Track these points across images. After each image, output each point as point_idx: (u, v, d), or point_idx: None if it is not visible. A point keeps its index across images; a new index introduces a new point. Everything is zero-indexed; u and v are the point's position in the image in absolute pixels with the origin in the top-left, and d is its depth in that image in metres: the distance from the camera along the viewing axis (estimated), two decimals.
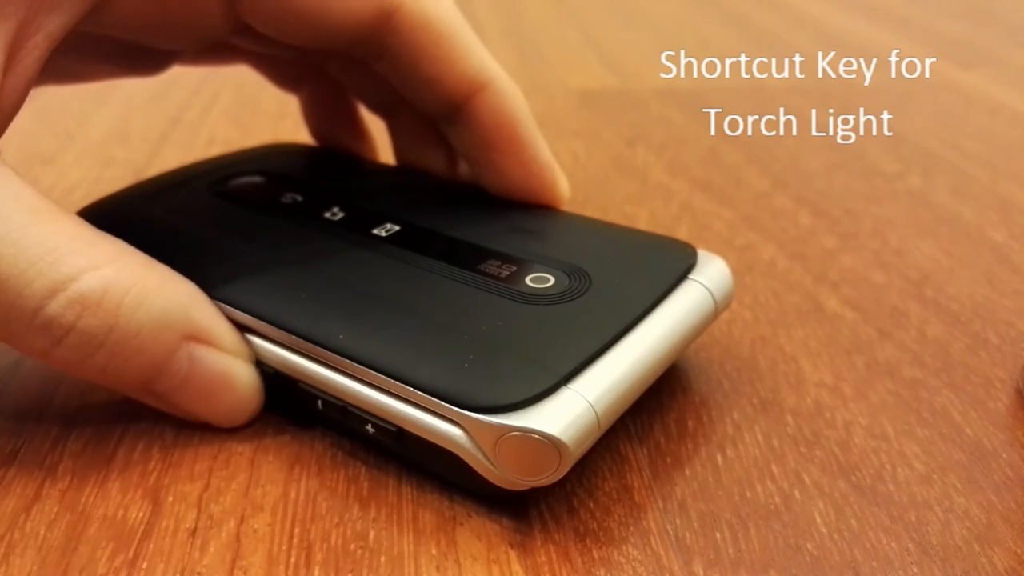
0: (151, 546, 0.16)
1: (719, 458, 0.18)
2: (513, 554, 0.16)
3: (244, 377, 0.18)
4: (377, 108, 0.25)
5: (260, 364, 0.18)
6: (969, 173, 0.32)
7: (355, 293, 0.18)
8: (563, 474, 0.15)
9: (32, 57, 0.17)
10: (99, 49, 0.21)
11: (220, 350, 0.18)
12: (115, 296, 0.16)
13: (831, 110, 0.39)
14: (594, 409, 0.16)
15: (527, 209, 0.22)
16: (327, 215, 0.21)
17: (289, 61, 0.25)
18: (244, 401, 0.18)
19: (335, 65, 0.24)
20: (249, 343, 0.18)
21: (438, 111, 0.22)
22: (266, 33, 0.20)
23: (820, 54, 0.47)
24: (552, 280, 0.18)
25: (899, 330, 0.22)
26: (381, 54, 0.20)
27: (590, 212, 0.22)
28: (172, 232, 0.21)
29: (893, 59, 0.47)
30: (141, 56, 0.22)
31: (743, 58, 0.47)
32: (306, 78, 0.26)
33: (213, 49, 0.24)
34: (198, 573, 0.15)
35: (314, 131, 0.27)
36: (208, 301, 0.18)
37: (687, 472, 0.18)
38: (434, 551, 0.16)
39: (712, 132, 0.36)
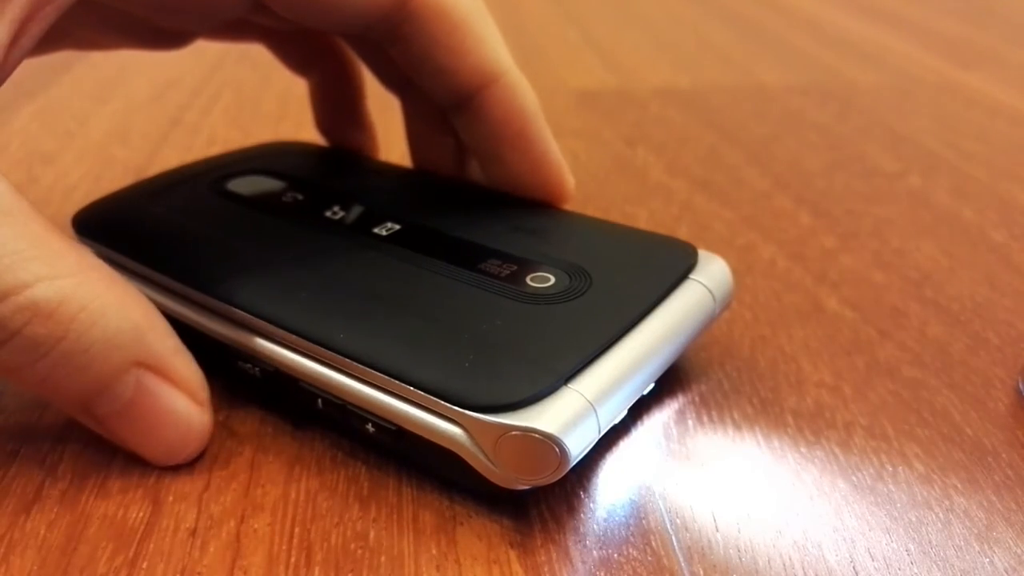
0: (151, 546, 0.16)
1: (719, 458, 0.18)
2: (513, 554, 0.16)
3: (191, 417, 0.17)
4: (391, 85, 0.24)
5: (260, 363, 0.18)
6: (969, 173, 0.32)
7: (355, 292, 0.18)
8: (563, 474, 0.15)
9: (39, 28, 0.16)
10: (119, 22, 0.21)
11: (172, 384, 0.17)
12: (70, 309, 0.15)
13: (831, 110, 0.39)
14: (594, 409, 0.16)
15: (528, 208, 0.22)
16: (328, 214, 0.21)
17: (303, 41, 0.25)
18: (184, 442, 0.17)
19: (351, 41, 0.24)
20: (207, 391, 0.18)
21: (448, 100, 0.21)
22: (282, 14, 0.20)
23: (820, 54, 0.47)
24: (553, 279, 0.18)
25: (899, 330, 0.22)
26: (395, 40, 0.20)
27: (590, 212, 0.22)
28: (172, 231, 0.21)
29: (893, 59, 0.47)
30: (161, 30, 0.22)
31: (743, 58, 0.47)
32: (317, 61, 0.26)
33: (230, 25, 0.24)
34: (198, 573, 0.15)
35: (319, 119, 0.26)
36: (170, 331, 0.17)
37: (687, 472, 0.18)
38: (434, 551, 0.16)
39: (712, 132, 0.36)
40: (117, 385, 0.16)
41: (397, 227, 0.21)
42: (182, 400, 0.17)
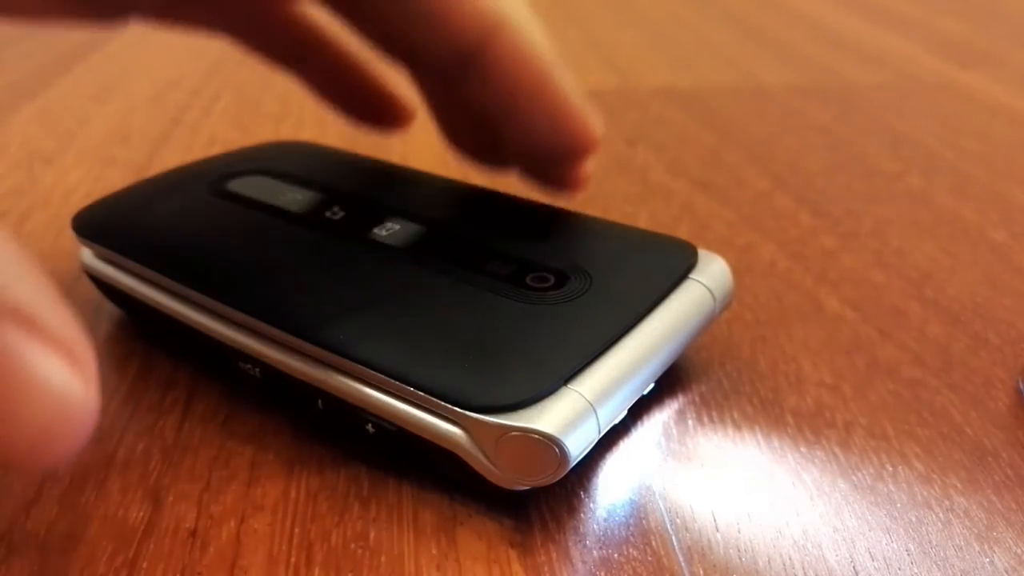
0: (151, 546, 0.16)
1: (719, 458, 0.18)
2: (513, 554, 0.16)
3: (70, 387, 0.11)
4: (393, 55, 0.22)
5: (261, 363, 0.18)
6: (969, 173, 0.32)
7: (355, 293, 0.18)
8: (563, 474, 0.15)
9: None
10: None
11: (44, 342, 0.11)
12: None
13: (831, 110, 0.39)
14: (594, 409, 0.16)
15: (528, 208, 0.22)
16: (327, 214, 0.21)
17: (276, 29, 0.23)
18: (58, 420, 0.11)
19: (337, 8, 0.21)
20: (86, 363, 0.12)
21: (447, 61, 0.19)
22: None
23: (820, 54, 0.47)
24: (553, 279, 0.18)
25: (899, 330, 0.22)
26: None
27: (590, 212, 0.22)
28: (172, 231, 0.21)
29: (893, 59, 0.47)
30: (92, 4, 0.19)
31: (743, 58, 0.47)
32: (301, 51, 0.23)
33: (177, 5, 0.21)
34: (198, 573, 0.15)
35: (335, 107, 0.24)
36: (46, 281, 0.12)
37: (687, 472, 0.18)
38: (434, 551, 0.16)
39: (712, 132, 0.36)
40: None
41: (397, 227, 0.21)
42: (57, 364, 0.11)
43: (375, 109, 0.24)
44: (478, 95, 0.19)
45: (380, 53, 0.22)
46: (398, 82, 0.24)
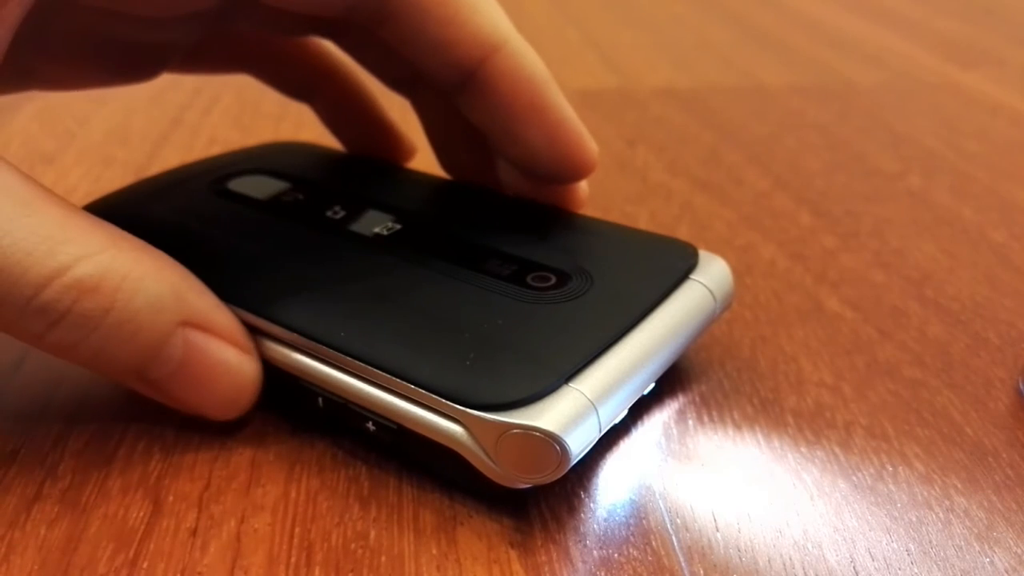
0: (152, 546, 0.16)
1: (719, 458, 0.18)
2: (513, 554, 0.16)
3: (242, 366, 0.18)
4: (397, 86, 0.24)
5: (261, 361, 0.18)
6: (969, 173, 0.32)
7: (356, 291, 0.18)
8: (564, 472, 0.15)
9: (4, 27, 0.16)
10: (89, 53, 0.21)
11: (218, 337, 0.17)
12: (112, 281, 0.16)
13: (831, 110, 0.39)
14: (595, 408, 0.16)
15: (529, 208, 0.22)
16: (328, 213, 0.21)
17: (295, 63, 0.24)
18: (240, 391, 0.18)
19: (344, 43, 0.23)
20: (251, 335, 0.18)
21: (451, 80, 0.20)
22: None
23: (820, 54, 0.47)
24: (554, 279, 0.18)
25: (899, 330, 0.22)
26: (384, 19, 0.19)
27: (590, 212, 0.22)
28: (172, 231, 0.21)
29: (893, 59, 0.47)
30: (131, 59, 0.21)
31: (743, 58, 0.47)
32: (316, 83, 0.25)
33: (204, 51, 0.23)
34: (199, 573, 0.15)
35: (341, 140, 0.26)
36: (206, 288, 0.18)
37: (687, 472, 0.18)
38: (434, 551, 0.16)
39: (712, 132, 0.36)
40: (167, 347, 0.17)
41: (398, 227, 0.21)
42: (231, 351, 0.17)
43: (378, 145, 0.26)
44: (478, 114, 0.21)
45: (384, 81, 0.24)
46: (400, 120, 0.26)
